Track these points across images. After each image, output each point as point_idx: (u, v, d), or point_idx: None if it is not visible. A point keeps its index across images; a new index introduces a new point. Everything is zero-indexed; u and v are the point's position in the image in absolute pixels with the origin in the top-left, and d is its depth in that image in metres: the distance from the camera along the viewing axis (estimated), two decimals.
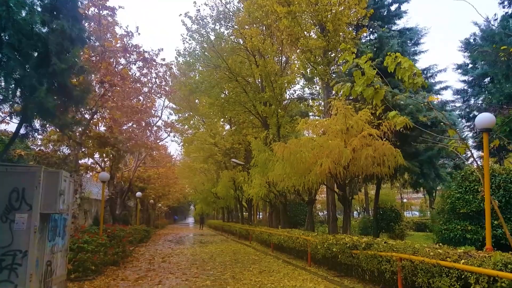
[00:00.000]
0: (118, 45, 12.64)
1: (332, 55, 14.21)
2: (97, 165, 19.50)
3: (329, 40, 13.58)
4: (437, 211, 25.20)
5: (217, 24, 22.43)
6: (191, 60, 22.54)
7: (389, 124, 10.53)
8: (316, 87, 22.41)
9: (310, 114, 21.11)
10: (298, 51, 14.96)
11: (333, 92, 15.13)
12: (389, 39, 14.31)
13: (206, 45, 21.93)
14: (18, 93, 5.74)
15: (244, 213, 34.72)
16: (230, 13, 22.29)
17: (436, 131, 12.77)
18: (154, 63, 14.24)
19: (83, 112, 11.90)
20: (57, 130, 7.71)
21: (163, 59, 14.39)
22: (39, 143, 14.14)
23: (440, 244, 7.74)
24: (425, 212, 56.28)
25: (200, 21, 21.56)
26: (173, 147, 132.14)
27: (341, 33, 13.81)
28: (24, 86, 5.80)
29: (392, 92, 11.35)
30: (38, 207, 6.76)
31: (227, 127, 34.69)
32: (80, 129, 12.23)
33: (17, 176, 6.75)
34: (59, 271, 7.97)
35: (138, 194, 26.00)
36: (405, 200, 59.91)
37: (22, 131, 6.09)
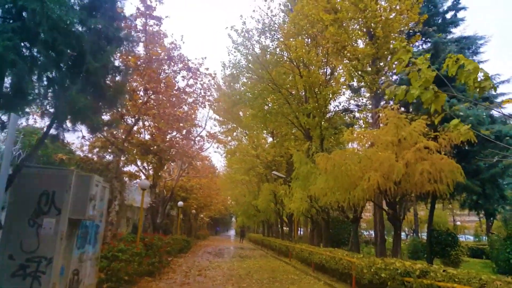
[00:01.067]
0: (163, 53, 12.64)
1: (381, 64, 13.26)
2: (141, 173, 19.74)
3: (378, 48, 12.68)
4: (497, 236, 22.78)
5: (262, 36, 22.21)
6: (235, 72, 22.43)
7: (448, 136, 9.40)
8: (362, 99, 21.36)
9: (356, 126, 20.01)
10: (344, 60, 14.18)
11: (382, 102, 14.12)
12: (446, 46, 13.10)
13: (250, 57, 21.75)
14: (50, 93, 5.56)
15: (285, 228, 33.74)
16: (276, 25, 21.99)
17: (500, 147, 11.37)
18: (198, 72, 14.12)
19: (125, 118, 11.93)
20: (89, 131, 7.73)
21: (207, 69, 14.28)
22: (85, 149, 14.44)
23: (502, 274, 6.54)
24: (480, 237, 51.88)
25: (245, 33, 21.46)
26: (216, 158, 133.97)
27: (391, 41, 12.87)
28: (57, 85, 5.62)
29: (450, 102, 10.21)
30: (67, 212, 6.54)
31: (270, 139, 34.25)
32: (123, 136, 12.26)
33: (47, 178, 6.60)
34: (87, 281, 7.71)
35: (180, 203, 26.07)
36: (458, 223, 55.55)
37: (53, 131, 5.90)
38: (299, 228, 38.00)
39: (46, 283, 6.25)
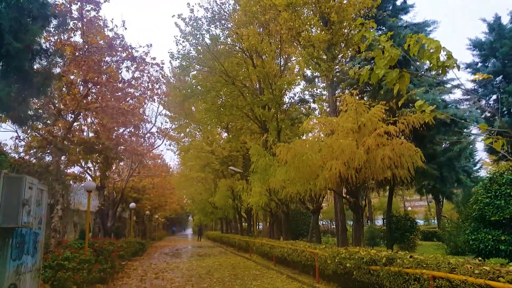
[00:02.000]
0: (101, 42, 11.49)
1: (337, 51, 13.10)
2: (87, 174, 18.25)
3: (333, 34, 12.48)
4: (448, 219, 24.01)
5: (212, 25, 21.37)
6: (185, 64, 21.41)
7: (407, 120, 9.35)
8: (317, 90, 21.35)
9: (313, 116, 19.93)
10: (299, 47, 13.85)
11: (338, 91, 14.02)
12: (401, 30, 13.18)
13: (200, 48, 20.85)
14: None
15: (244, 223, 33.35)
16: (226, 14, 21.28)
17: (453, 131, 11.63)
18: (144, 63, 13.09)
19: (64, 114, 10.69)
20: (15, 124, 6.71)
21: (154, 58, 13.26)
22: (21, 150, 12.88)
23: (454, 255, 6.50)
24: (430, 220, 55.09)
25: (194, 22, 20.50)
26: (170, 156, 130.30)
27: (346, 27, 12.72)
28: None
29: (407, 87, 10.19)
30: None
31: (224, 134, 33.58)
32: (60, 133, 11.02)
33: None
34: None
35: (132, 205, 24.64)
36: (409, 208, 58.53)
37: None
38: (258, 223, 37.81)
39: None
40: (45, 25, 5.28)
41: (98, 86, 10.97)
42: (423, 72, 12.80)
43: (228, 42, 21.58)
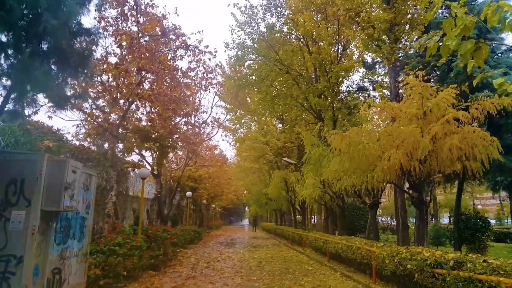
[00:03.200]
0: (157, 29, 11.53)
1: (399, 32, 11.89)
2: (145, 162, 18.85)
3: (396, 13, 11.33)
4: None
5: (268, 13, 20.89)
6: (240, 53, 21.21)
7: (482, 106, 8.12)
8: (377, 77, 19.92)
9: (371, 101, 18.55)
10: (358, 29, 12.86)
11: (401, 77, 12.79)
12: (475, 5, 11.55)
13: (255, 37, 20.50)
14: (2, 59, 4.54)
15: (298, 216, 32.75)
16: (282, 0, 20.64)
17: None
18: (197, 50, 13.00)
19: (117, 99, 10.92)
20: (53, 105, 6.86)
21: (207, 46, 13.13)
22: (81, 137, 13.53)
23: None
24: (502, 220, 50.19)
25: (249, 11, 20.18)
26: (227, 148, 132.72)
27: (409, 3, 11.49)
28: (10, 48, 4.57)
29: (480, 69, 8.86)
30: (39, 203, 5.57)
31: (279, 126, 33.09)
32: (117, 121, 11.29)
33: (16, 165, 5.62)
34: (73, 279, 6.79)
35: (188, 193, 25.21)
36: (479, 206, 53.71)
37: (11, 106, 4.91)
38: (313, 216, 36.99)
39: (17, 285, 5.34)
40: (84, 2, 5.15)
41: (151, 74, 11.06)
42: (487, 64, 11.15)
43: (284, 30, 20.97)
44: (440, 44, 5.07)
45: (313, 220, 36.98)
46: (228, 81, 27.47)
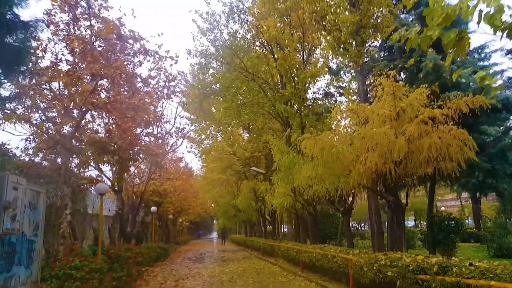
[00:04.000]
0: (112, 34, 10.70)
1: (366, 34, 11.83)
2: (104, 177, 17.58)
3: (362, 15, 11.26)
4: (490, 219, 22.08)
5: (231, 20, 20.49)
6: (203, 61, 20.61)
7: (455, 104, 8.01)
8: (343, 83, 20.00)
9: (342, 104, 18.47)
10: (324, 33, 12.67)
11: (369, 79, 12.70)
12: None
13: (218, 44, 20.01)
14: None
15: (268, 226, 32.20)
16: (245, 6, 20.32)
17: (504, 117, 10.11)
18: (158, 55, 12.25)
19: (69, 108, 9.93)
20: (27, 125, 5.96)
21: (167, 51, 12.42)
22: (30, 152, 12.26)
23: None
24: (463, 220, 52.11)
25: (211, 17, 19.68)
26: (191, 159, 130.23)
27: (375, 7, 11.47)
28: None
29: (450, 68, 8.84)
30: None
31: (246, 136, 32.63)
32: (70, 133, 10.28)
33: None
34: None
35: (153, 209, 23.98)
36: (442, 208, 55.58)
37: None
38: (283, 226, 36.60)
39: None
40: None
41: (106, 80, 10.19)
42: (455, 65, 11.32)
43: (248, 38, 20.63)
44: (421, 35, 4.76)
45: (283, 229, 36.60)
46: (192, 91, 26.70)
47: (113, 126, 13.80)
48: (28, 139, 11.88)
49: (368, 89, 12.05)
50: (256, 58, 18.17)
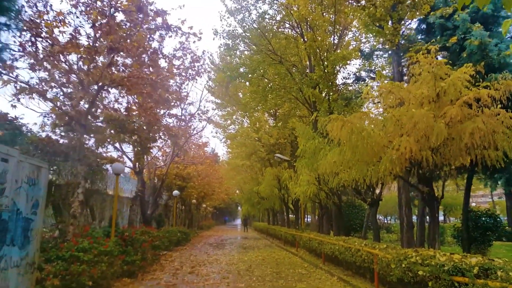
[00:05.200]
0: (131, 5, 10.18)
1: (403, 11, 10.70)
2: (125, 158, 17.45)
3: None
4: None
5: (260, 1, 19.61)
6: (230, 43, 19.91)
7: (504, 85, 6.95)
8: (375, 68, 18.76)
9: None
10: (358, 8, 11.66)
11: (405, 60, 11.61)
12: None
13: (246, 25, 19.21)
14: None
15: (291, 215, 31.55)
16: None
17: None
18: (180, 31, 11.64)
19: (86, 84, 9.54)
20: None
21: (191, 27, 11.79)
22: (47, 129, 12.09)
23: None
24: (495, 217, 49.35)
25: None
26: (219, 147, 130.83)
27: None
28: None
29: (498, 47, 7.72)
30: None
31: (272, 122, 31.90)
32: (84, 107, 9.94)
33: None
34: None
35: (175, 192, 23.83)
36: (473, 204, 53.01)
37: None
38: (307, 215, 35.83)
39: None
40: None
41: (125, 55, 9.72)
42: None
43: (277, 19, 19.72)
44: None
45: (306, 219, 35.85)
46: (218, 74, 26.19)
47: (135, 105, 13.48)
48: (46, 115, 11.71)
49: (403, 71, 11.00)
50: (284, 40, 17.29)
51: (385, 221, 39.04)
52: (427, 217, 13.43)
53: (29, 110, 10.76)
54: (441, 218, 38.44)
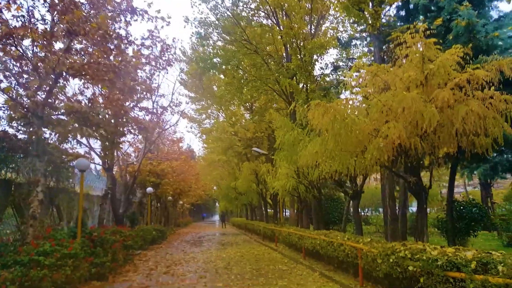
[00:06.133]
0: None
1: None
2: (94, 154, 16.34)
3: None
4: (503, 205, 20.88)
5: None
6: (203, 31, 19.03)
7: (496, 65, 6.56)
8: (353, 57, 18.39)
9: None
10: None
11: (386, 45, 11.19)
12: None
13: (219, 12, 18.39)
14: None
15: (269, 210, 31.14)
16: None
17: None
18: (147, 15, 10.75)
19: (41, 71, 8.55)
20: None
21: (158, 11, 10.95)
22: (3, 123, 10.96)
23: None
24: (480, 207, 50.64)
25: None
26: (195, 143, 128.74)
27: None
28: None
29: (485, 28, 7.35)
30: None
31: (248, 116, 31.28)
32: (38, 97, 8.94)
33: None
34: None
35: (149, 189, 22.84)
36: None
37: None
38: (285, 210, 35.51)
39: None
40: None
41: (83, 39, 8.77)
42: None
43: (251, 6, 18.99)
44: None
45: (285, 213, 35.51)
46: (191, 66, 25.25)
47: (99, 97, 12.48)
48: (1, 107, 10.59)
49: (385, 57, 10.58)
50: (260, 28, 16.61)
51: (363, 213, 39.27)
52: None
53: None
54: (415, 209, 39.21)
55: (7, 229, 10.34)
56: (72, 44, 8.59)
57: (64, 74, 8.88)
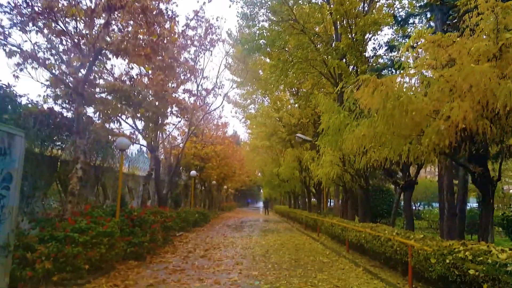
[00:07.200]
0: None
1: None
2: (139, 134, 16.53)
3: None
4: None
5: None
6: (249, 11, 18.41)
7: None
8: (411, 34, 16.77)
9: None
10: None
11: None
12: None
13: None
14: None
15: (313, 199, 30.34)
16: None
17: None
18: None
19: (80, 46, 8.46)
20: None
21: None
22: (50, 101, 11.18)
23: None
24: None
25: None
26: (241, 130, 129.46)
27: None
28: None
29: None
30: None
31: (293, 101, 30.35)
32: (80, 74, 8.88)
33: None
34: None
35: (192, 173, 23.01)
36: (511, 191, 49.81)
37: None
38: (329, 200, 34.46)
39: None
40: None
41: (124, 14, 8.54)
42: None
43: None
44: None
45: (329, 203, 34.48)
46: (237, 49, 24.83)
47: (143, 76, 12.42)
48: (49, 86, 10.79)
49: (448, 30, 9.30)
50: (308, 6, 15.63)
51: (414, 207, 37.11)
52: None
53: (34, 82, 9.90)
54: (475, 205, 35.98)
55: (51, 204, 10.66)
56: (110, 19, 8.36)
57: (103, 50, 8.73)
